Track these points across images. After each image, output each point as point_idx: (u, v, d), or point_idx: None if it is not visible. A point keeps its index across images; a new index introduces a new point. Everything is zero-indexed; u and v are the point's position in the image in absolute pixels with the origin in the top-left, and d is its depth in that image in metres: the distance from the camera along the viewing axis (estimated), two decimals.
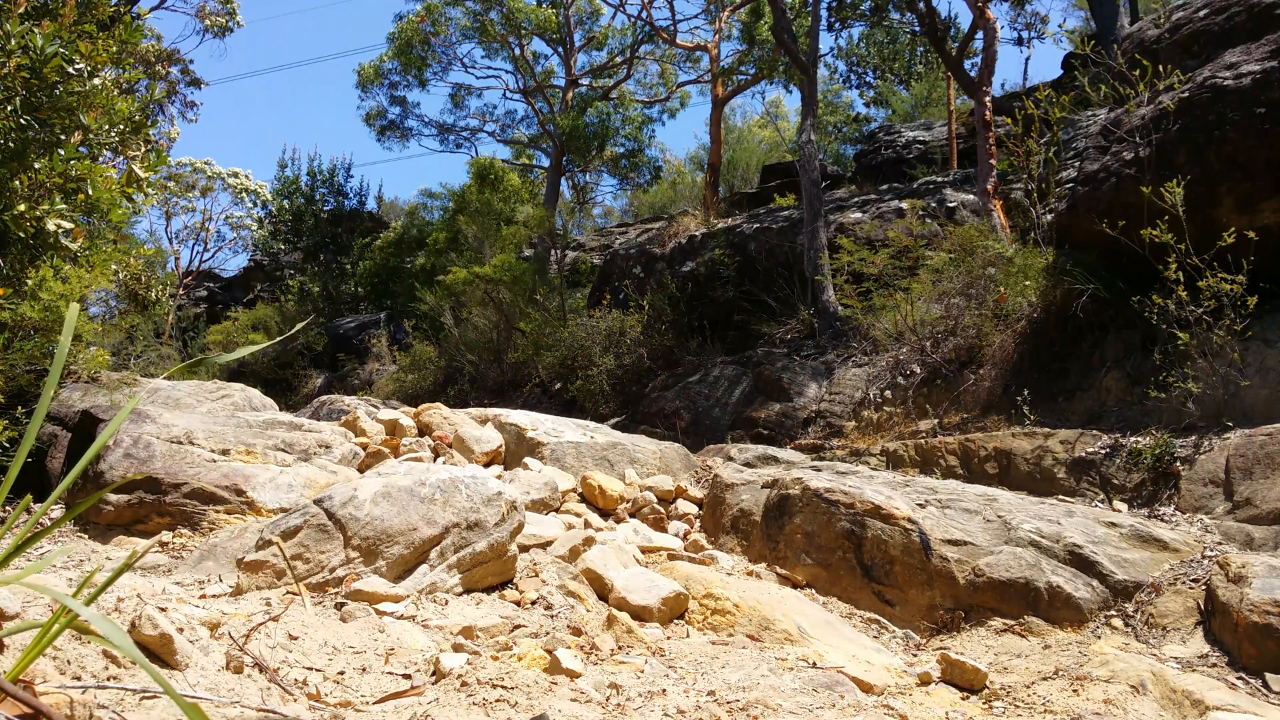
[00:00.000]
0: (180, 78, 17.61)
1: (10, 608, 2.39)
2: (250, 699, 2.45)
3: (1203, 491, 4.90)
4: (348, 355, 18.10)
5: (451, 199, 20.39)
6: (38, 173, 3.98)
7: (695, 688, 2.85)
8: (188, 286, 23.05)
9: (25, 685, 1.91)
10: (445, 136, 24.15)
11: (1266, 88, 5.64)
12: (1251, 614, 3.53)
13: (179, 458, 5.21)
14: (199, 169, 23.37)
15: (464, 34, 21.90)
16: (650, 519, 5.53)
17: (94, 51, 4.01)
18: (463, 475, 4.32)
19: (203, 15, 16.96)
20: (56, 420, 6.18)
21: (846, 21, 15.40)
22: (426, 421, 7.15)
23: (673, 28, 21.05)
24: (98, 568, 3.87)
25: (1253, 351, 5.39)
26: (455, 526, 4.04)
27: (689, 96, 24.23)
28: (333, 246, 22.58)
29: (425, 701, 2.60)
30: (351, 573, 3.79)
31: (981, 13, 11.12)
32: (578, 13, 22.56)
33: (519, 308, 13.89)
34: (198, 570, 4.23)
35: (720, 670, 2.94)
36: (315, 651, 3.00)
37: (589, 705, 2.63)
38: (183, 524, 4.96)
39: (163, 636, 2.53)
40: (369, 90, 22.91)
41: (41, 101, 3.94)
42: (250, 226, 24.78)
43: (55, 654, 2.21)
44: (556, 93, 22.88)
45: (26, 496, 2.61)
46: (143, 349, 15.55)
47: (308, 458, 5.94)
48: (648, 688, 2.80)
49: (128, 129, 4.44)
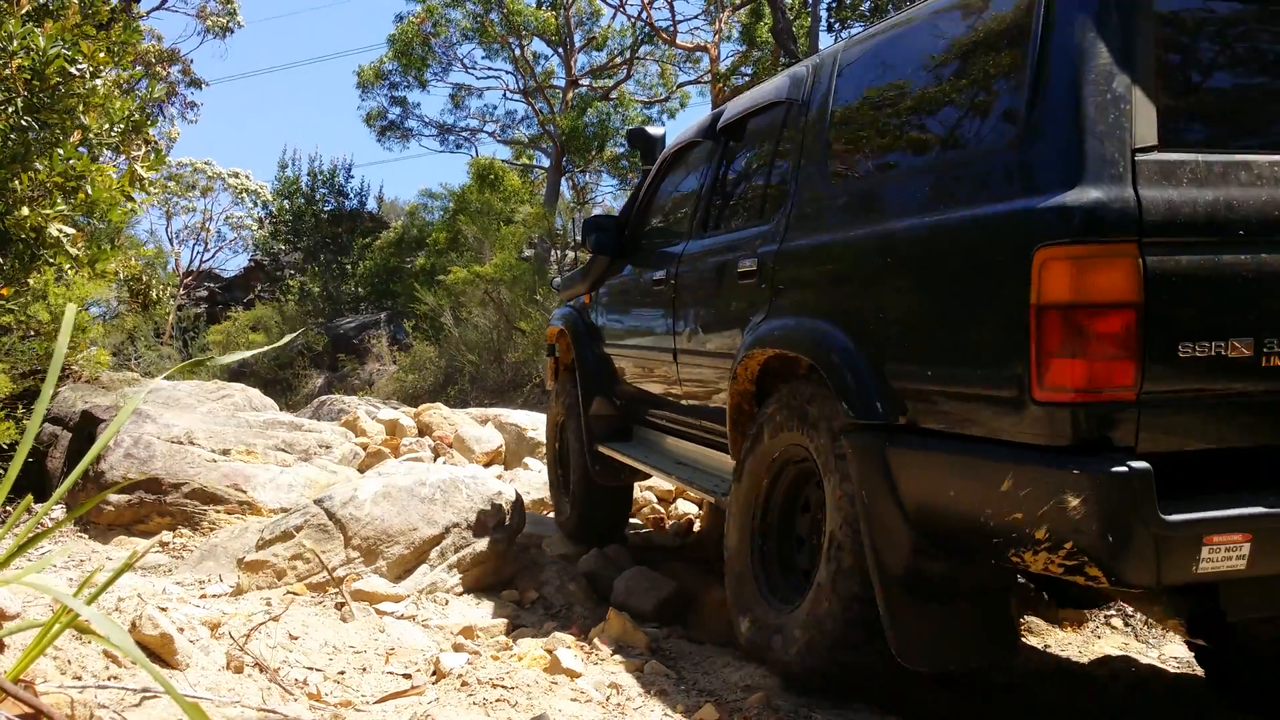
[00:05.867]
0: (180, 78, 17.62)
1: (10, 608, 2.39)
2: (250, 699, 2.46)
3: None
4: (348, 355, 18.09)
5: (451, 199, 20.37)
6: (38, 173, 3.99)
7: (696, 687, 2.85)
8: (188, 286, 23.04)
9: (26, 685, 1.92)
10: (445, 137, 24.12)
11: None
12: None
13: (179, 458, 5.21)
14: (199, 169, 23.39)
15: (464, 35, 21.88)
16: (650, 519, 5.54)
17: (96, 50, 4.01)
18: (463, 475, 4.33)
19: (203, 15, 16.97)
20: (56, 420, 6.18)
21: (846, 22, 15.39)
22: (426, 421, 7.15)
23: (673, 28, 21.04)
24: (98, 568, 3.87)
25: None
26: (455, 526, 4.05)
27: (689, 97, 24.18)
28: (333, 246, 22.55)
29: (425, 701, 2.61)
30: (352, 573, 3.79)
31: None
32: (578, 14, 22.54)
33: (519, 308, 13.89)
34: (198, 570, 4.23)
35: (722, 670, 2.94)
36: (315, 651, 3.01)
37: (589, 705, 2.63)
38: (183, 524, 4.97)
39: (163, 636, 2.54)
40: (369, 91, 22.88)
41: (43, 103, 3.94)
42: (250, 226, 24.81)
43: (56, 654, 2.21)
44: (556, 93, 22.87)
45: (27, 496, 2.61)
46: (143, 349, 15.55)
47: (308, 458, 5.94)
48: (648, 688, 2.80)
49: (128, 128, 4.44)
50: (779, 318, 2.81)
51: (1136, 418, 1.88)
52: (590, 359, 4.55)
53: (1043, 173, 1.98)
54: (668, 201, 4.25)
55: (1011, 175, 2.08)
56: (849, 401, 2.40)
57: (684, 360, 3.60)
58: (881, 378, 2.35)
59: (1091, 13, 1.99)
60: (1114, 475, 1.84)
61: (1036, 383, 1.91)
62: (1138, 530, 1.83)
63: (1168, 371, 1.88)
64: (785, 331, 2.75)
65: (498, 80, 23.42)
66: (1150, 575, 1.86)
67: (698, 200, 3.76)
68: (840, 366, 2.44)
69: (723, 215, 3.61)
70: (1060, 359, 1.88)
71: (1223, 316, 1.90)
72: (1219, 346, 1.89)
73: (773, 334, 2.80)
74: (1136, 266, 1.85)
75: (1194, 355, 1.88)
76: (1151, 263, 1.86)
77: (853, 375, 2.41)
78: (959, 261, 2.18)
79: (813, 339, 2.59)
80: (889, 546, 2.30)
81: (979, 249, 2.12)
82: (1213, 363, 1.89)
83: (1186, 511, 1.85)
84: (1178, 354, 1.88)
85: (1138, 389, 1.87)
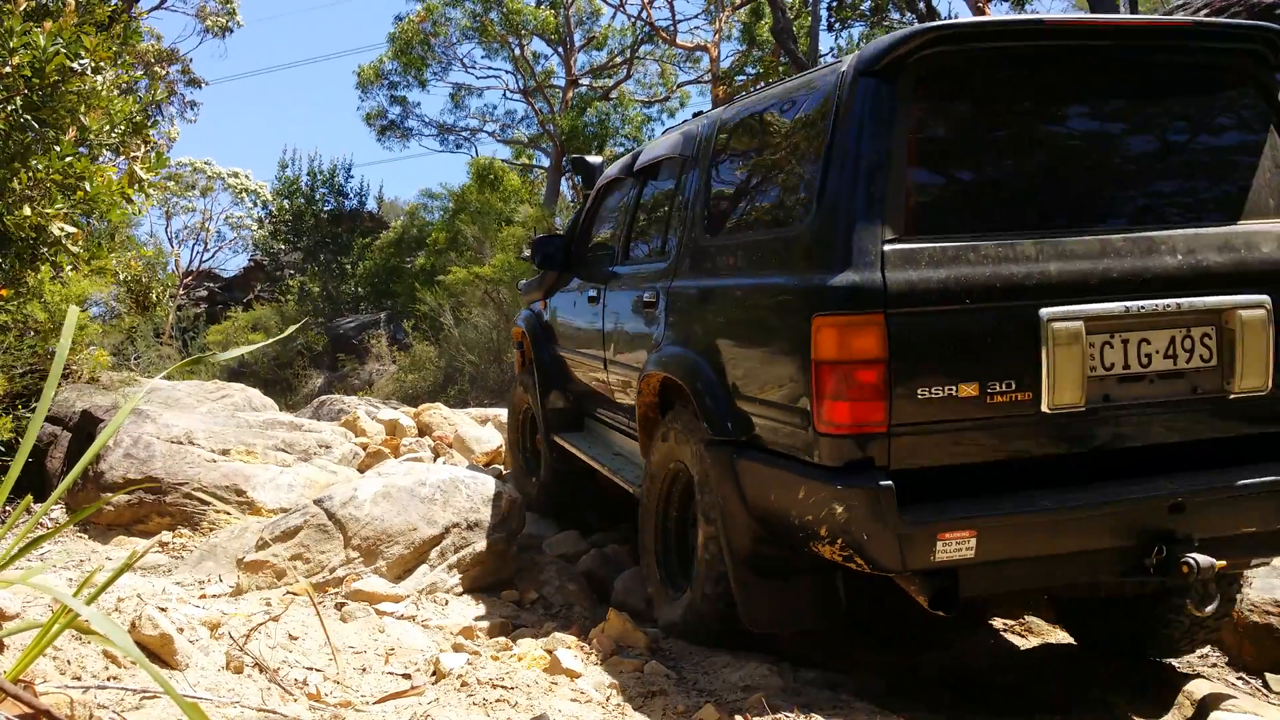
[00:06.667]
0: (180, 78, 17.58)
1: (10, 608, 2.39)
2: (250, 699, 2.45)
3: None
4: (348, 355, 18.08)
5: (451, 199, 20.37)
6: (37, 171, 3.98)
7: (696, 687, 2.85)
8: (188, 286, 23.03)
9: (25, 685, 1.92)
10: (445, 136, 24.13)
11: None
12: (1251, 614, 3.54)
13: (179, 458, 5.21)
14: (199, 169, 23.36)
15: (464, 34, 21.89)
16: None
17: (98, 47, 4.01)
18: (463, 475, 4.33)
19: (203, 15, 16.93)
20: (56, 420, 6.18)
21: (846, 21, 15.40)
22: (426, 421, 7.15)
23: (673, 28, 21.06)
24: (98, 568, 3.87)
25: None
26: (455, 526, 4.04)
27: (689, 96, 24.19)
28: (333, 246, 22.54)
29: (425, 701, 2.61)
30: (351, 573, 3.79)
31: (981, 13, 11.14)
32: (578, 13, 22.54)
33: (519, 308, 13.88)
34: (198, 570, 4.23)
35: (722, 670, 2.94)
36: (315, 651, 3.01)
37: (589, 705, 2.63)
38: (183, 524, 4.96)
39: (163, 636, 2.54)
40: (369, 90, 22.89)
41: (43, 101, 3.94)
42: (250, 226, 24.78)
43: (55, 654, 2.21)
44: (556, 93, 22.87)
45: (27, 497, 2.61)
46: (143, 349, 15.54)
47: (308, 458, 5.94)
48: (648, 688, 2.80)
49: (128, 130, 4.43)
50: (670, 346, 3.35)
51: (888, 445, 2.42)
52: (547, 359, 5.06)
53: (821, 256, 2.54)
54: (602, 226, 4.79)
55: (804, 253, 2.64)
56: (709, 421, 2.97)
57: (613, 368, 4.09)
58: (732, 403, 2.90)
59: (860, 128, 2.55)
60: (865, 490, 2.39)
61: (817, 418, 2.48)
62: (884, 530, 2.38)
63: (911, 409, 2.42)
64: (671, 359, 3.29)
65: (498, 80, 23.45)
66: (897, 562, 2.41)
67: (621, 229, 4.33)
68: (704, 393, 3.00)
69: (639, 246, 4.13)
70: (832, 401, 2.44)
71: (954, 366, 2.43)
72: (951, 389, 2.42)
73: (663, 360, 3.34)
74: (883, 332, 2.40)
75: (931, 396, 2.42)
76: (894, 329, 2.40)
77: (712, 400, 2.97)
78: (773, 318, 2.78)
79: (687, 368, 3.15)
80: (738, 536, 2.88)
81: (782, 311, 2.72)
82: (947, 401, 2.43)
83: (923, 515, 2.39)
84: (918, 396, 2.41)
85: (888, 423, 2.41)
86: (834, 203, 2.55)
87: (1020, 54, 2.68)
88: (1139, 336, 2.53)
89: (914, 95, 2.56)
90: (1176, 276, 2.57)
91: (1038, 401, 2.45)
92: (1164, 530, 2.50)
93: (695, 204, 3.43)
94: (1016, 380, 2.44)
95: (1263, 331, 2.54)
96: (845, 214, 2.50)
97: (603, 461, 4.22)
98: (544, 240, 5.00)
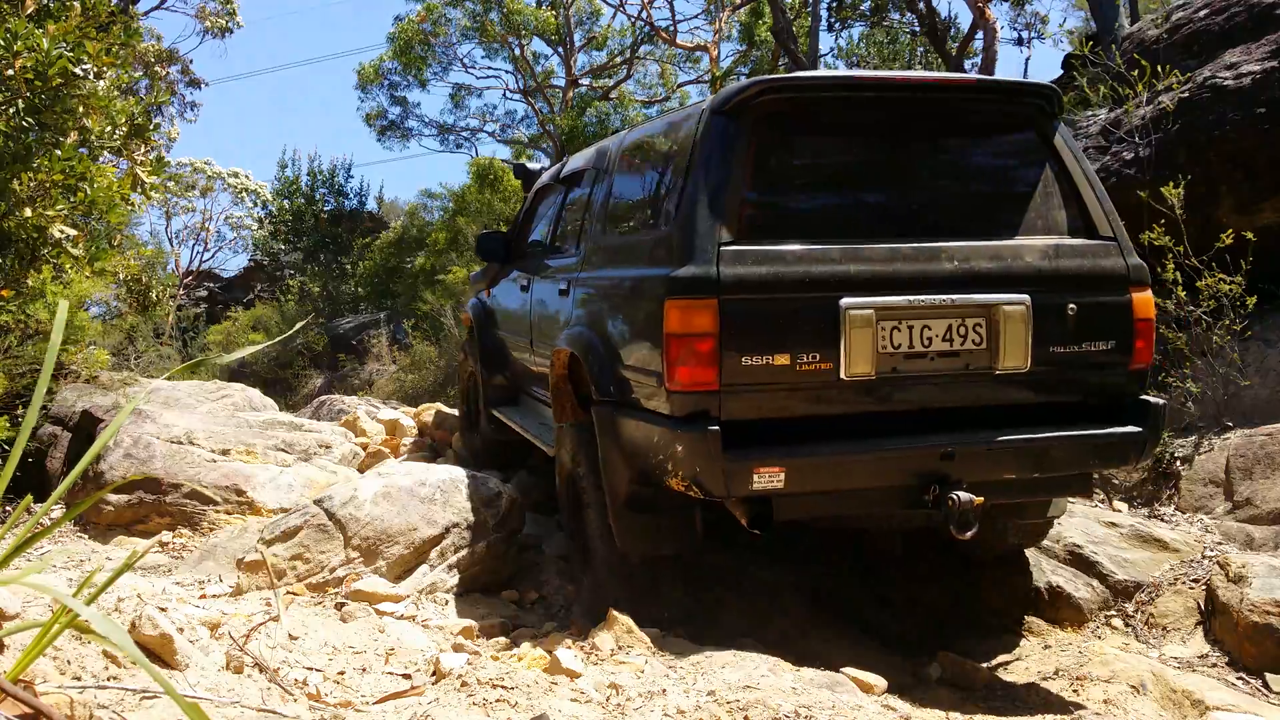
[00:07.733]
0: (180, 78, 17.55)
1: (10, 608, 2.39)
2: (250, 699, 2.46)
3: (1203, 491, 4.91)
4: (348, 355, 18.07)
5: (451, 199, 20.34)
6: (38, 172, 3.98)
7: (695, 688, 2.85)
8: (188, 286, 23.00)
9: (25, 685, 1.92)
10: (445, 136, 24.09)
11: (1266, 87, 5.64)
12: (1251, 614, 3.54)
13: (179, 458, 5.21)
14: (199, 169, 23.31)
15: (464, 34, 21.85)
16: None
17: (100, 51, 4.01)
18: (463, 475, 4.33)
19: (203, 15, 16.89)
20: (56, 420, 6.17)
21: (846, 22, 15.39)
22: (426, 421, 7.15)
23: (672, 28, 21.04)
24: (98, 568, 3.87)
25: (1252, 352, 5.40)
26: (455, 526, 4.05)
27: (689, 96, 24.11)
28: (333, 246, 22.51)
29: (425, 701, 2.61)
30: (352, 573, 3.79)
31: (981, 13, 11.12)
32: (578, 13, 22.52)
33: None
34: (198, 570, 4.23)
35: (720, 670, 2.94)
36: (315, 651, 3.01)
37: (589, 705, 2.63)
38: (183, 524, 4.96)
39: (163, 636, 2.54)
40: (369, 90, 22.85)
41: (45, 104, 3.94)
42: (250, 226, 24.73)
43: (55, 654, 2.21)
44: (556, 93, 22.85)
45: (27, 497, 2.61)
46: (143, 349, 15.52)
47: (308, 458, 5.94)
48: (648, 688, 2.80)
49: (130, 131, 4.43)
50: (575, 327, 3.93)
51: (719, 401, 3.04)
52: (489, 341, 5.81)
53: (675, 253, 3.14)
54: (536, 225, 5.52)
55: (665, 251, 3.23)
56: (597, 386, 3.56)
57: (537, 348, 4.72)
58: (615, 371, 3.50)
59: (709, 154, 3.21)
60: (698, 434, 3.00)
61: (667, 379, 3.07)
62: (713, 464, 3.00)
63: (737, 373, 3.03)
64: (574, 337, 3.86)
65: (498, 80, 23.41)
66: (723, 490, 3.04)
67: (549, 228, 5.07)
68: (594, 362, 3.61)
69: (560, 243, 4.78)
70: (677, 366, 3.04)
71: (771, 341, 3.04)
72: (769, 359, 3.04)
73: (570, 337, 3.91)
74: (715, 312, 3.01)
75: (753, 364, 3.03)
76: (725, 310, 3.01)
77: (599, 368, 3.57)
78: (641, 302, 3.37)
79: (583, 343, 3.76)
80: (617, 479, 3.48)
81: (646, 296, 3.28)
82: (766, 368, 3.04)
83: (743, 453, 3.01)
84: (742, 363, 3.02)
85: (719, 384, 3.02)
86: (688, 211, 3.17)
87: (837, 101, 3.40)
88: (922, 323, 3.15)
89: (752, 131, 3.21)
90: (953, 278, 3.18)
91: (838, 370, 3.06)
92: (938, 473, 3.14)
93: (600, 209, 4.11)
94: (821, 354, 3.05)
95: (1023, 322, 3.17)
96: (693, 220, 3.13)
97: (531, 431, 4.85)
98: (488, 236, 5.75)
